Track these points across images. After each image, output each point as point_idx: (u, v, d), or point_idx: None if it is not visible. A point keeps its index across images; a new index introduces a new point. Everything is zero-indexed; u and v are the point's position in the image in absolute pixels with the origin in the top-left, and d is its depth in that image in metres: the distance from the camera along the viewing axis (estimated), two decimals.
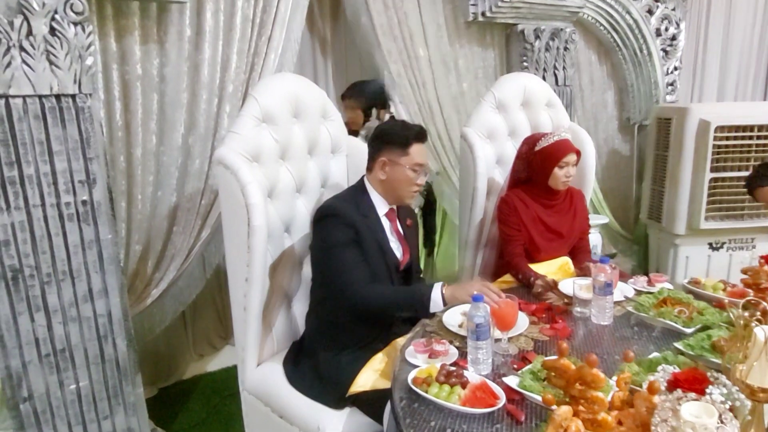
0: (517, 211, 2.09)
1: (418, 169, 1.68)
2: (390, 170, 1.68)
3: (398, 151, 1.67)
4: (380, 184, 1.71)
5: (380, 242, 1.69)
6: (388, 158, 1.68)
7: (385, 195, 1.73)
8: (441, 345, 1.41)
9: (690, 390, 0.94)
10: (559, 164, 2.04)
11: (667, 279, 1.87)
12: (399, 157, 1.67)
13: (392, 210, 1.77)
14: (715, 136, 2.94)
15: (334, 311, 1.68)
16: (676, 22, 3.52)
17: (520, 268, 2.00)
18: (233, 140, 1.66)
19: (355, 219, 1.63)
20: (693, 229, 3.11)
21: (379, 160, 1.69)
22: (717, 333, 1.40)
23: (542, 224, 2.11)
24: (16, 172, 1.68)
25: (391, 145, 1.68)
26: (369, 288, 1.60)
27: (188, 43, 2.05)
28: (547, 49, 2.96)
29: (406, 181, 1.68)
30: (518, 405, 1.19)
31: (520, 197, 2.13)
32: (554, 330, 1.56)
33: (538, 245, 2.09)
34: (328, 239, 1.62)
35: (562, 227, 2.13)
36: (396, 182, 1.69)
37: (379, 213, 1.73)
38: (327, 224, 1.63)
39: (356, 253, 1.63)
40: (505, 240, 2.13)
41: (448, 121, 2.86)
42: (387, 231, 1.73)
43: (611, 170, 3.68)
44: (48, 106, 1.70)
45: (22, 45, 1.63)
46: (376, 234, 1.69)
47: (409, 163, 1.67)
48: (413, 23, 2.62)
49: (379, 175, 1.70)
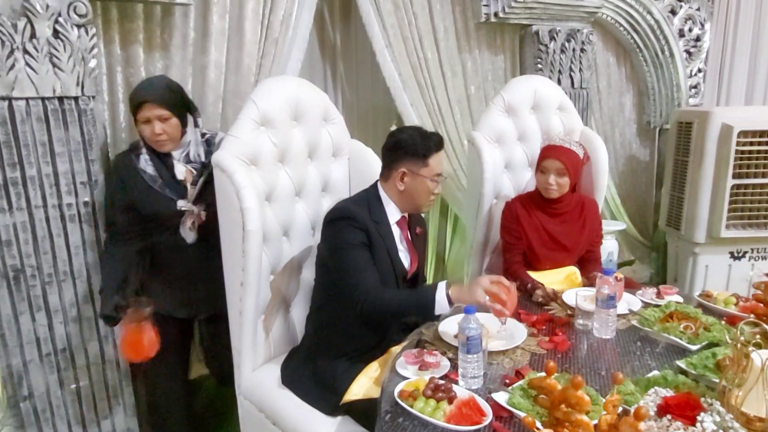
0: (518, 219, 2.05)
1: (437, 179, 1.65)
2: (410, 181, 1.64)
3: (419, 163, 1.63)
4: (397, 194, 1.68)
5: (389, 250, 1.66)
6: (408, 169, 1.63)
7: (400, 204, 1.69)
8: (432, 357, 1.38)
9: (680, 416, 0.89)
10: (541, 168, 2.01)
11: (677, 291, 1.80)
12: (420, 169, 1.63)
13: (404, 218, 1.74)
14: (737, 141, 2.82)
15: (335, 315, 1.67)
16: (700, 23, 3.40)
17: (518, 275, 1.96)
18: (230, 144, 1.65)
19: (367, 224, 1.61)
20: (713, 237, 2.99)
21: (398, 170, 1.64)
22: (723, 351, 1.33)
23: (546, 233, 2.05)
24: (19, 173, 1.70)
25: (411, 156, 1.63)
26: (378, 291, 1.56)
27: (192, 46, 2.06)
28: (562, 50, 2.88)
29: (426, 192, 1.65)
30: (506, 423, 1.14)
31: (525, 204, 2.08)
32: (553, 343, 1.51)
33: (539, 255, 2.04)
34: (340, 240, 1.59)
35: (568, 239, 2.06)
36: (415, 193, 1.65)
37: (391, 221, 1.70)
38: (340, 226, 1.60)
39: (367, 257, 1.60)
40: (504, 247, 2.10)
41: (459, 124, 2.81)
42: (397, 239, 1.70)
43: (629, 175, 3.58)
44: (51, 108, 1.72)
45: (25, 47, 1.66)
46: (387, 242, 1.66)
47: (430, 174, 1.63)
48: (423, 24, 2.58)
49: (398, 186, 1.65)
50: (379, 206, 1.68)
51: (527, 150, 2.40)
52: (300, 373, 1.69)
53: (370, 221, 1.62)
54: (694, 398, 0.93)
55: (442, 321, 1.58)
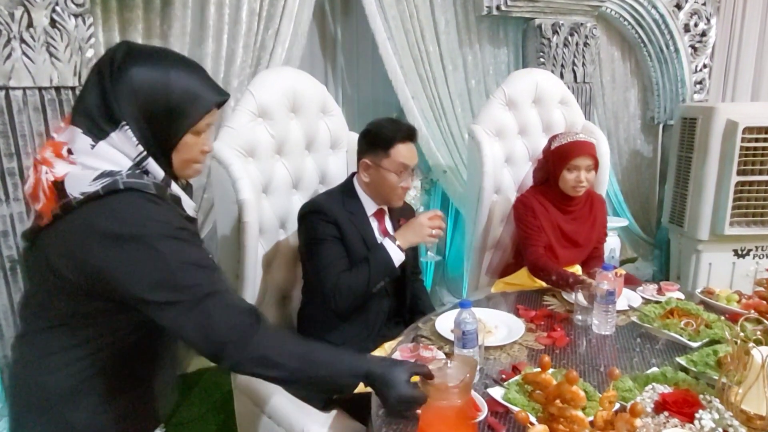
0: (534, 212, 1.98)
1: (402, 172, 1.61)
2: (373, 173, 1.62)
3: (380, 153, 1.60)
4: (366, 186, 1.66)
5: (366, 240, 1.64)
6: (370, 160, 1.62)
7: (372, 196, 1.68)
8: (428, 351, 1.36)
9: (678, 413, 0.87)
10: (568, 167, 1.92)
11: (678, 288, 1.78)
12: (381, 160, 1.60)
13: (381, 210, 1.72)
14: (742, 137, 2.79)
15: (318, 311, 1.65)
16: (706, 18, 3.35)
17: (550, 267, 1.79)
18: (228, 135, 1.64)
19: (337, 216, 1.59)
20: (717, 234, 2.96)
21: (362, 161, 1.63)
22: (724, 349, 1.31)
23: (560, 231, 2.00)
24: (16, 163, 1.69)
25: (372, 147, 1.61)
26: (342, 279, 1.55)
27: (191, 37, 2.04)
28: (565, 44, 2.85)
29: (390, 185, 1.61)
30: (501, 418, 1.13)
31: (539, 200, 2.01)
32: (551, 338, 1.49)
33: (556, 253, 1.98)
34: (311, 235, 1.59)
35: (579, 236, 2.03)
36: (380, 185, 1.63)
37: (367, 212, 1.68)
38: (310, 220, 1.60)
39: (336, 250, 1.59)
40: (526, 240, 1.96)
41: (460, 117, 2.79)
42: (375, 231, 1.68)
43: (632, 171, 3.54)
44: (48, 98, 1.71)
45: (22, 37, 1.64)
46: (362, 232, 1.64)
47: (392, 165, 1.59)
48: (424, 17, 2.56)
49: (363, 177, 1.64)
50: (352, 198, 1.67)
51: (528, 144, 2.37)
52: None
53: (344, 212, 1.61)
54: (692, 395, 0.91)
55: (439, 316, 1.56)
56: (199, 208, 2.19)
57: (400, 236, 1.60)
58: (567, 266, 2.00)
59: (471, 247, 2.40)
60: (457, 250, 3.30)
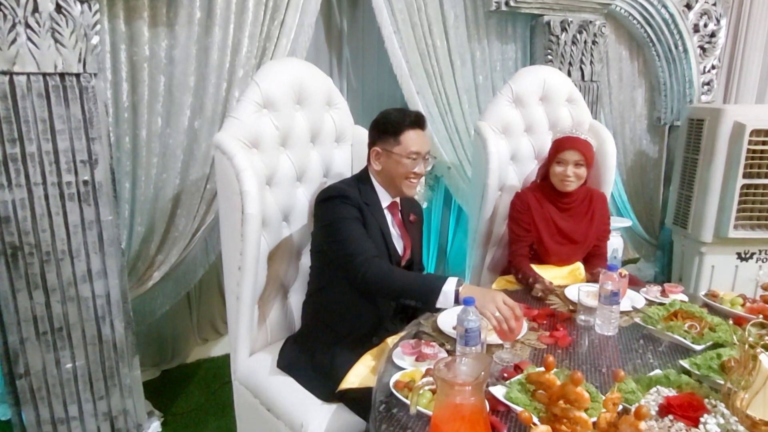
0: (530, 210, 2.01)
1: (414, 158, 1.61)
2: (385, 160, 1.63)
3: (390, 140, 1.62)
4: (378, 175, 1.67)
5: (383, 231, 1.65)
6: (381, 148, 1.63)
7: (385, 186, 1.68)
8: (430, 348, 1.35)
9: (682, 417, 0.86)
10: (557, 160, 1.96)
11: (682, 290, 1.77)
12: (392, 147, 1.61)
13: (395, 203, 1.73)
14: (749, 140, 2.77)
15: (331, 298, 1.65)
16: (716, 18, 3.32)
17: (521, 267, 1.93)
18: (232, 125, 1.62)
19: (360, 203, 1.60)
20: (720, 237, 2.95)
21: (373, 150, 1.65)
22: (728, 352, 1.30)
23: (555, 227, 2.01)
24: (18, 149, 1.68)
25: (383, 134, 1.63)
26: (378, 261, 1.51)
27: (198, 25, 2.02)
28: (573, 42, 2.83)
29: (401, 172, 1.62)
30: (502, 417, 1.12)
31: (536, 196, 2.04)
32: (554, 338, 1.48)
33: (548, 248, 2.00)
34: (336, 215, 1.57)
35: (576, 233, 2.03)
36: (391, 172, 1.64)
37: (383, 204, 1.68)
38: (334, 203, 1.59)
39: (363, 231, 1.58)
40: (512, 238, 2.06)
41: (467, 113, 2.77)
42: (389, 223, 1.68)
43: (637, 171, 3.53)
44: (52, 84, 1.69)
45: (27, 22, 1.62)
46: (379, 222, 1.65)
47: (403, 152, 1.60)
48: (432, 11, 2.54)
49: (375, 166, 1.66)
50: (369, 189, 1.67)
51: (534, 142, 2.36)
52: (298, 358, 1.67)
53: (362, 202, 1.61)
54: (697, 399, 0.90)
55: (440, 313, 1.55)
56: (201, 198, 2.18)
57: (468, 289, 1.40)
58: (564, 264, 2.03)
59: (473, 243, 2.39)
60: (459, 247, 3.29)
